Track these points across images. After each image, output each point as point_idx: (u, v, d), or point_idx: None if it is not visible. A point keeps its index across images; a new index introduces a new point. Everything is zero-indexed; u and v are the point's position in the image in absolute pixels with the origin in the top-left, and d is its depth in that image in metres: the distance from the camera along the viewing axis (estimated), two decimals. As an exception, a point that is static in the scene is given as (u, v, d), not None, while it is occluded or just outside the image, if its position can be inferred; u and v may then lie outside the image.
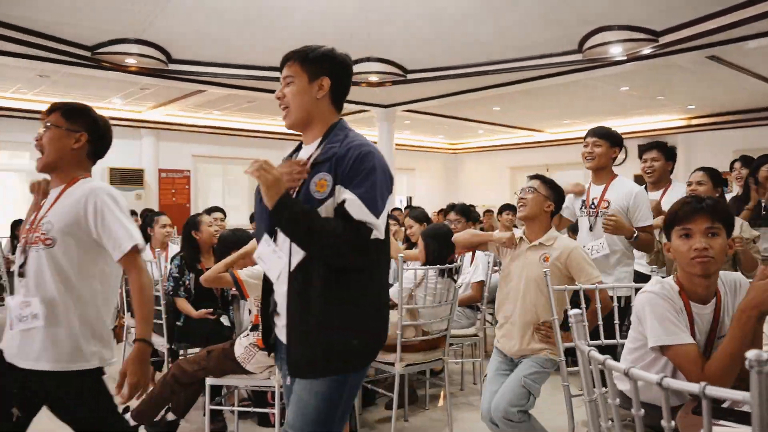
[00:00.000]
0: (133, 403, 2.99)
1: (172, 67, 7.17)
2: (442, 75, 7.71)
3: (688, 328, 1.77)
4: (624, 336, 2.12)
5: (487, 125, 11.70)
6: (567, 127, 11.83)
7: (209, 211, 5.27)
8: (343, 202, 1.69)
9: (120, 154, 10.70)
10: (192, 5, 5.57)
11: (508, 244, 2.92)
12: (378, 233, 1.69)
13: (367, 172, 1.72)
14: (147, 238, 4.86)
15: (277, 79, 7.66)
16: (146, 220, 5.30)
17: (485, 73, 7.48)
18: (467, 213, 4.75)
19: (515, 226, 4.38)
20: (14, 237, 6.68)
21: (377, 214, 1.69)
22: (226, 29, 6.22)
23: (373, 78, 7.73)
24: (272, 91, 8.21)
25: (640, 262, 3.52)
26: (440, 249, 3.57)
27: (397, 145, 11.36)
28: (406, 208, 9.57)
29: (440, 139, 14.46)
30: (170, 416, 3.35)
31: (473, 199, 10.50)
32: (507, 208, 7.05)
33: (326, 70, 1.88)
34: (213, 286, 3.66)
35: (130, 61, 6.80)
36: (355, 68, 7.50)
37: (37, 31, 6.09)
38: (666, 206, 3.43)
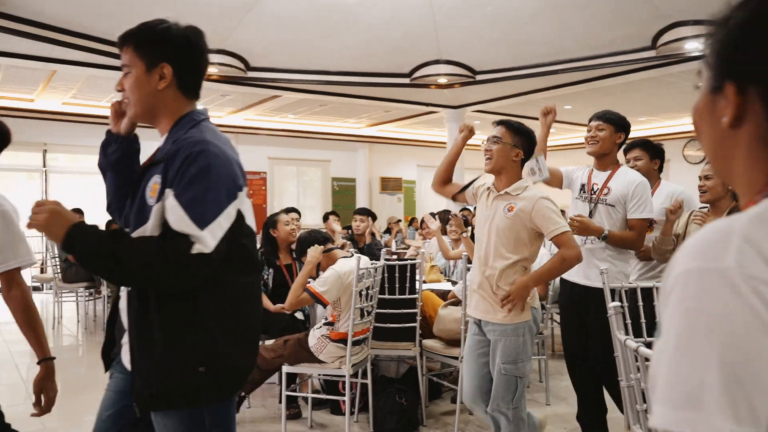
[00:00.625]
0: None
1: (250, 74, 7.55)
2: (511, 75, 7.73)
3: None
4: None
5: (559, 124, 11.54)
6: (643, 124, 11.49)
7: (286, 211, 5.55)
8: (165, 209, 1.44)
9: (202, 157, 11.33)
10: (268, 17, 5.89)
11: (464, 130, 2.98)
12: (202, 247, 1.39)
13: (195, 175, 1.43)
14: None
15: (345, 83, 8.00)
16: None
17: (554, 73, 7.44)
18: None
19: None
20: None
21: (203, 225, 1.40)
22: (299, 37, 6.51)
23: (442, 80, 7.85)
24: (342, 95, 8.47)
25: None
26: None
27: (467, 145, 11.26)
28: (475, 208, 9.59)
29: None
30: None
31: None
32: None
33: (166, 55, 1.57)
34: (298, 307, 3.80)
35: (212, 70, 7.22)
36: (424, 70, 7.76)
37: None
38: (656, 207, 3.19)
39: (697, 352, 0.59)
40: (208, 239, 1.39)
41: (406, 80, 8.02)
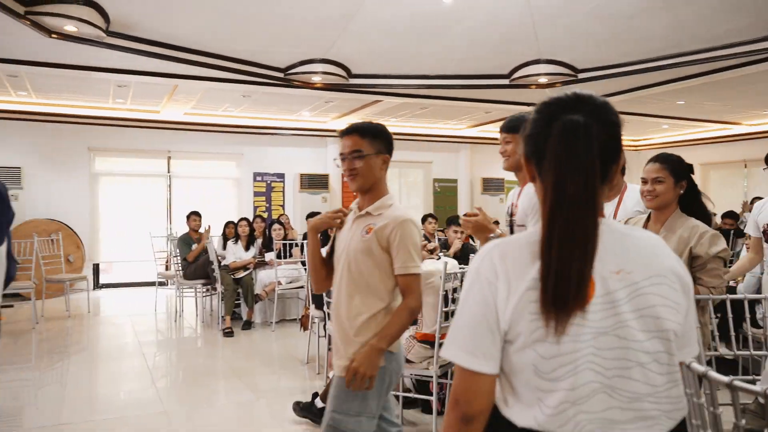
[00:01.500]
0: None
1: (352, 81, 7.84)
2: (616, 73, 7.47)
3: None
4: None
5: (671, 120, 10.95)
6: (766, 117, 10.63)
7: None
8: None
9: (309, 161, 11.86)
10: (368, 26, 6.10)
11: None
12: None
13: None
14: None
15: (445, 87, 8.09)
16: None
17: (662, 68, 7.11)
18: None
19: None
20: (225, 236, 7.80)
21: None
22: (398, 44, 6.69)
23: (543, 80, 7.73)
24: (442, 98, 8.57)
25: None
26: None
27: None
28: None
29: (624, 136, 13.74)
30: (319, 403, 3.77)
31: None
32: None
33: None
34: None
35: (316, 78, 7.58)
36: (523, 71, 7.69)
37: (239, 59, 7.09)
38: (623, 213, 3.05)
39: (462, 309, 1.20)
40: None
41: (506, 81, 7.98)
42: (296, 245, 7.15)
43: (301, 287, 6.96)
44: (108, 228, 10.56)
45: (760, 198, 5.02)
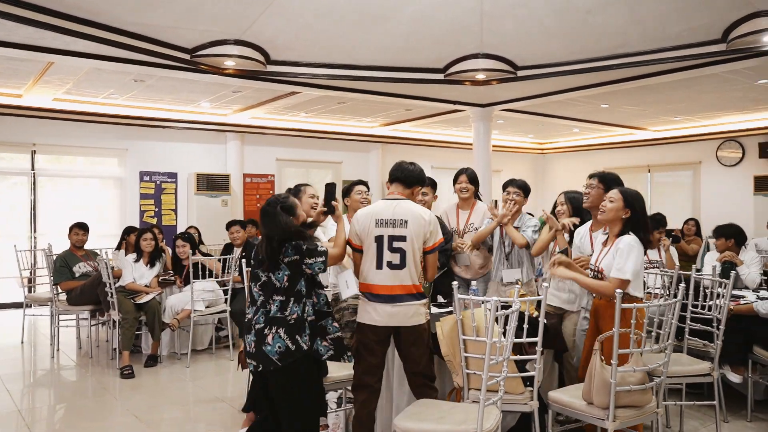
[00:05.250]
0: None
1: (270, 68, 6.79)
2: (557, 72, 7.04)
3: None
4: None
5: (585, 123, 10.91)
6: (676, 124, 10.90)
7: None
8: None
9: (206, 159, 10.50)
10: (300, 3, 5.15)
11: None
12: None
13: None
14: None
15: (374, 79, 7.25)
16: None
17: (606, 69, 6.78)
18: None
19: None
20: (124, 241, 6.41)
21: None
22: (331, 28, 5.78)
23: (480, 75, 7.14)
24: (367, 92, 7.67)
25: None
26: None
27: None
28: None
29: (529, 139, 13.71)
30: None
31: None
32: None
33: None
34: None
35: (229, 63, 6.45)
36: (461, 65, 7.02)
37: (138, 33, 5.80)
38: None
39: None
40: None
41: (440, 76, 7.30)
42: (218, 260, 5.95)
43: (222, 312, 5.82)
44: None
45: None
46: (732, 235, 5.19)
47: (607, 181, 3.76)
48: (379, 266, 3.03)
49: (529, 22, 5.80)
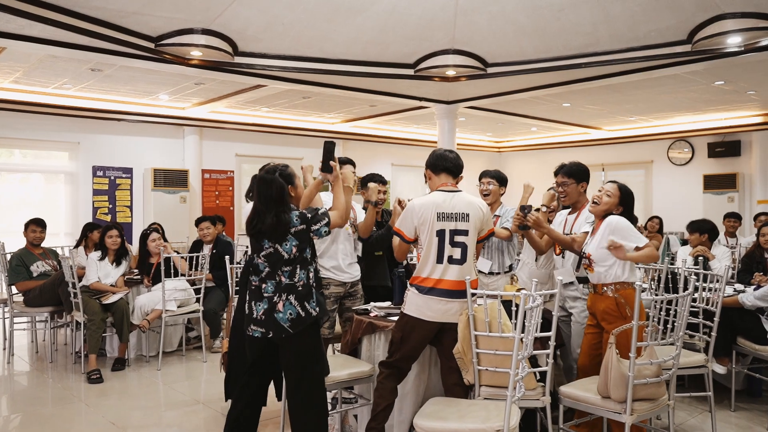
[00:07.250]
0: None
1: (238, 59, 6.57)
2: (526, 69, 7.09)
3: None
4: None
5: (545, 122, 11.08)
6: (631, 123, 11.20)
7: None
8: None
9: (163, 154, 10.11)
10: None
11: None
12: None
13: None
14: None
15: (344, 73, 7.11)
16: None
17: (575, 67, 6.87)
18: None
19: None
20: (85, 239, 6.08)
21: None
22: (303, 18, 5.63)
23: (450, 72, 7.13)
24: (335, 86, 7.54)
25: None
26: None
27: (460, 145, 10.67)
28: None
29: (488, 137, 13.83)
30: None
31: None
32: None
33: None
34: None
35: (196, 53, 6.20)
36: (431, 61, 6.98)
37: (100, 19, 5.49)
38: None
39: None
40: None
41: (410, 71, 7.24)
42: (185, 258, 5.69)
43: (194, 312, 5.57)
44: None
45: None
46: (706, 231, 5.41)
47: (576, 173, 3.92)
48: (439, 260, 2.99)
49: (502, 19, 5.81)
